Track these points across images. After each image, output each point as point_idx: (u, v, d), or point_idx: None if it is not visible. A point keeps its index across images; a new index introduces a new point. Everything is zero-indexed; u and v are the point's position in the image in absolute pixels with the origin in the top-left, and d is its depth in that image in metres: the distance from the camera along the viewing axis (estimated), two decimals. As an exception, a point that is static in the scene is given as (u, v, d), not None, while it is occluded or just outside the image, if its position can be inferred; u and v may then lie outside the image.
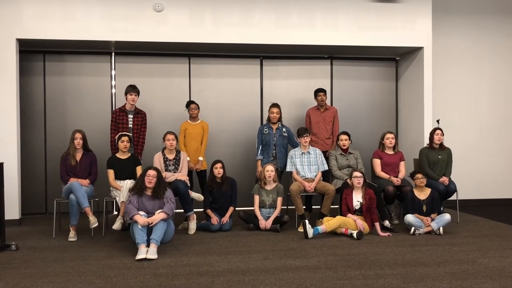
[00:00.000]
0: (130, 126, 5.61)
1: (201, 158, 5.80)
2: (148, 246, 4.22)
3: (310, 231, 4.89)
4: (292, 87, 7.10)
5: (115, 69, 6.72)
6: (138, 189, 4.65)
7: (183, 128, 5.87)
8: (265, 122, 6.22)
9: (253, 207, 5.49)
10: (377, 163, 5.76)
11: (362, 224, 4.99)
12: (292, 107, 6.98)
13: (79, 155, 5.23)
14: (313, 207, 6.16)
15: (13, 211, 5.73)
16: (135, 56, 6.73)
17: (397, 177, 5.64)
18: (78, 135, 5.21)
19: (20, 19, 5.79)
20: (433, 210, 5.19)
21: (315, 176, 5.63)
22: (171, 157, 5.43)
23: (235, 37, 6.22)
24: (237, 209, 5.57)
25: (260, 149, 5.90)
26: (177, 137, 5.48)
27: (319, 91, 6.30)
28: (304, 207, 5.60)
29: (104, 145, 6.16)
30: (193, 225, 5.27)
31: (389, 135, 5.81)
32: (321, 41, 6.41)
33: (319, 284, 3.44)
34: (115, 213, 6.36)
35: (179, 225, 5.48)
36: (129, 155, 5.40)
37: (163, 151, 5.45)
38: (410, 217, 5.14)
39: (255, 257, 4.18)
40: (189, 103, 5.95)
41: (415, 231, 5.06)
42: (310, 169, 5.65)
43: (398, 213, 5.90)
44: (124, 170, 5.29)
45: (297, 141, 5.88)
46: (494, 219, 6.01)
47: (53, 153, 6.45)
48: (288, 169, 5.70)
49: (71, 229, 4.99)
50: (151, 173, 4.66)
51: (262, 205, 5.46)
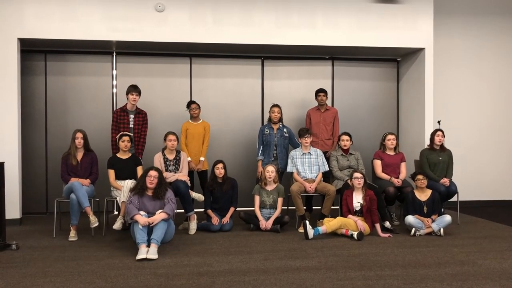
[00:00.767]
0: (131, 126, 5.61)
1: (202, 158, 5.80)
2: (148, 246, 4.22)
3: (310, 232, 4.89)
4: (293, 88, 7.10)
5: (116, 69, 6.72)
6: (139, 189, 4.65)
7: (185, 128, 5.87)
8: (266, 122, 6.22)
9: (254, 207, 5.49)
10: (378, 164, 5.75)
11: (362, 225, 4.98)
12: (293, 107, 6.98)
13: (80, 155, 5.24)
14: (313, 207, 6.16)
15: (13, 211, 5.74)
16: (136, 56, 6.73)
17: (397, 178, 5.64)
18: (79, 135, 5.21)
19: (21, 19, 5.80)
20: (434, 211, 5.19)
21: (316, 176, 5.63)
22: (171, 157, 5.43)
23: (236, 37, 6.22)
24: (237, 209, 5.57)
25: (261, 149, 5.91)
26: (178, 138, 5.48)
27: (319, 92, 6.30)
28: (304, 207, 5.60)
29: (105, 145, 6.17)
30: (193, 225, 5.27)
31: (390, 136, 5.81)
32: (322, 41, 6.41)
33: (320, 284, 3.44)
34: (116, 213, 6.36)
35: (180, 225, 5.49)
36: (130, 155, 5.40)
37: (163, 151, 5.45)
38: (410, 218, 5.13)
39: (255, 258, 4.18)
40: (190, 103, 5.95)
41: (415, 232, 5.05)
42: (310, 170, 5.65)
43: (398, 214, 5.90)
44: (124, 170, 5.29)
45: (298, 142, 5.88)
46: (494, 221, 6.00)
47: (54, 153, 6.45)
48: (289, 169, 5.70)
49: (71, 228, 4.99)
50: (153, 173, 4.67)
51: (262, 206, 5.46)
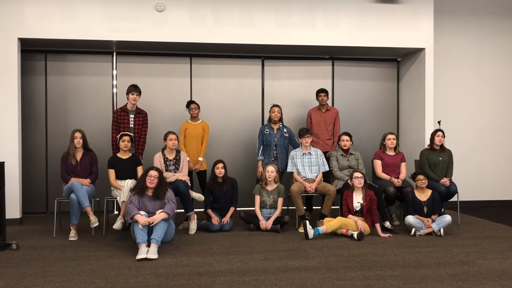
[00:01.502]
0: (131, 126, 5.61)
1: (201, 158, 5.80)
2: (148, 246, 4.22)
3: (310, 232, 4.88)
4: (293, 88, 7.10)
5: (116, 69, 6.72)
6: (139, 189, 4.65)
7: (183, 128, 5.87)
8: (266, 122, 6.22)
9: (254, 207, 5.49)
10: (378, 164, 5.75)
11: (362, 225, 4.98)
12: (293, 107, 6.98)
13: (79, 155, 5.24)
14: (313, 207, 6.16)
15: (14, 210, 5.74)
16: (137, 56, 6.73)
17: (398, 178, 5.64)
18: (77, 135, 5.21)
19: (22, 19, 5.80)
20: (434, 211, 5.19)
21: (316, 176, 5.63)
22: (171, 157, 5.43)
23: (236, 37, 6.22)
24: (237, 209, 5.57)
25: (261, 149, 5.91)
26: (178, 137, 5.48)
27: (320, 92, 6.30)
28: (304, 207, 5.60)
29: (105, 144, 6.17)
30: (193, 225, 5.27)
31: (390, 136, 5.81)
32: (322, 41, 6.41)
33: (320, 284, 3.44)
34: (116, 212, 6.36)
35: (180, 225, 5.48)
36: (130, 155, 5.40)
37: (163, 151, 5.45)
38: (410, 218, 5.13)
39: (255, 258, 4.18)
40: (190, 103, 5.95)
41: (415, 232, 5.05)
42: (311, 170, 5.65)
43: (398, 214, 5.90)
44: (125, 170, 5.29)
45: (298, 142, 5.88)
46: (494, 221, 6.00)
47: (54, 153, 6.45)
48: (289, 169, 5.70)
49: (71, 228, 4.99)
50: (153, 173, 4.67)
51: (263, 206, 5.46)
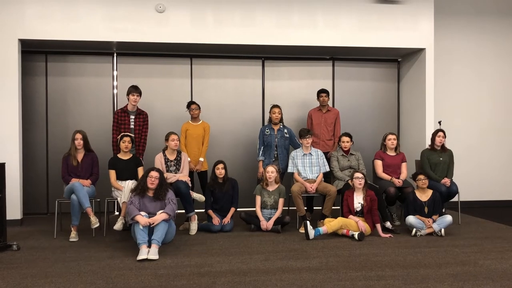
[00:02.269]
0: (131, 126, 5.62)
1: (201, 159, 5.80)
2: (149, 246, 4.22)
3: (311, 232, 4.88)
4: (294, 88, 7.10)
5: (117, 70, 6.73)
6: (140, 190, 4.65)
7: (184, 128, 5.87)
8: (266, 123, 6.22)
9: (255, 208, 5.49)
10: (379, 164, 5.75)
11: (364, 225, 4.98)
12: (294, 108, 6.98)
13: (80, 156, 5.24)
14: (314, 208, 6.16)
15: (14, 211, 5.74)
16: (137, 56, 6.74)
17: (398, 178, 5.63)
18: (78, 136, 5.21)
19: (22, 20, 5.81)
20: (435, 211, 5.18)
21: (317, 177, 5.63)
22: (172, 157, 5.43)
23: (236, 38, 6.23)
24: (238, 209, 5.57)
25: (261, 150, 5.91)
26: (179, 138, 5.49)
27: (321, 92, 6.30)
28: (305, 208, 5.60)
29: (106, 145, 6.17)
30: (194, 226, 5.27)
31: (391, 136, 5.80)
32: (323, 42, 6.41)
33: (320, 285, 3.44)
34: (117, 213, 6.36)
35: (180, 226, 5.48)
36: (131, 155, 5.40)
37: (164, 152, 5.45)
38: (411, 219, 5.13)
39: (256, 258, 4.18)
40: (190, 103, 5.95)
41: (416, 232, 5.05)
42: (311, 170, 5.65)
43: (399, 215, 5.90)
44: (125, 170, 5.29)
45: (298, 142, 5.88)
46: (495, 221, 5.99)
47: (55, 154, 6.46)
48: (289, 170, 5.70)
49: (72, 229, 4.99)
50: (154, 174, 4.67)
51: (263, 206, 5.46)
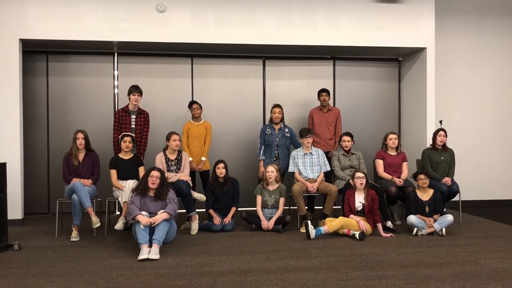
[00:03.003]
0: (132, 126, 5.62)
1: (204, 158, 5.80)
2: (150, 246, 4.22)
3: (312, 232, 4.88)
4: (294, 88, 7.10)
5: (117, 70, 6.73)
6: (141, 190, 4.66)
7: (186, 128, 5.88)
8: (267, 122, 6.21)
9: (255, 207, 5.49)
10: (380, 163, 5.75)
11: (364, 225, 4.98)
12: (294, 107, 6.98)
13: (81, 155, 5.24)
14: (315, 207, 6.16)
15: (15, 211, 5.75)
16: (138, 56, 6.74)
17: (399, 177, 5.63)
18: (80, 135, 5.22)
19: (23, 20, 5.81)
20: (436, 211, 5.18)
21: (318, 176, 5.63)
22: (173, 157, 5.43)
23: (237, 37, 6.22)
24: (239, 209, 5.57)
25: (262, 149, 5.91)
26: (180, 138, 5.49)
27: (322, 92, 6.30)
28: (306, 207, 5.60)
29: (107, 145, 6.18)
30: (195, 225, 5.27)
31: (392, 136, 5.80)
32: (324, 41, 6.41)
33: (321, 284, 3.44)
34: (118, 213, 6.36)
35: (181, 226, 5.49)
36: (132, 155, 5.40)
37: (165, 152, 5.45)
38: (412, 218, 5.13)
39: (257, 258, 4.18)
40: (191, 103, 5.96)
41: (417, 232, 5.05)
42: (312, 170, 5.65)
43: (400, 214, 5.89)
44: (126, 170, 5.29)
45: (299, 142, 5.87)
46: (497, 220, 5.99)
47: (56, 153, 6.46)
48: (290, 169, 5.70)
49: (73, 229, 4.99)
50: (155, 174, 4.67)
51: (264, 206, 5.46)
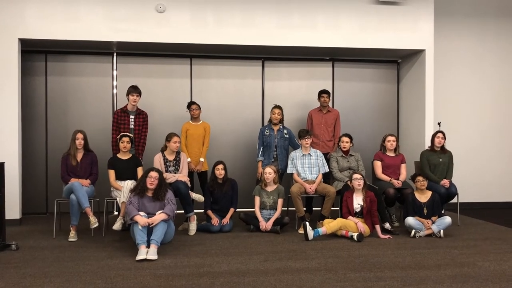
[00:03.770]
0: (131, 126, 5.62)
1: (202, 159, 5.80)
2: (148, 246, 4.22)
3: (310, 233, 4.88)
4: (293, 89, 7.10)
5: (116, 70, 6.73)
6: (139, 190, 4.65)
7: (185, 129, 5.87)
8: (266, 123, 6.22)
9: (254, 208, 5.49)
10: (378, 165, 5.75)
11: (363, 226, 4.98)
12: (293, 108, 6.98)
13: (80, 155, 5.24)
14: (313, 209, 6.15)
15: (13, 211, 5.74)
16: (137, 56, 6.74)
17: (398, 179, 5.63)
18: (79, 135, 5.21)
19: (22, 19, 5.80)
20: (434, 212, 5.18)
21: (316, 178, 5.63)
22: (171, 158, 5.43)
23: (236, 38, 6.23)
24: (237, 210, 5.56)
25: (261, 150, 5.91)
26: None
27: (323, 93, 6.30)
28: (304, 208, 5.60)
29: (105, 145, 6.17)
30: (193, 226, 5.27)
31: (390, 138, 5.81)
32: (323, 42, 6.41)
33: (319, 286, 3.43)
34: (116, 213, 6.36)
35: (180, 226, 5.48)
36: (130, 155, 5.40)
37: (163, 152, 5.45)
38: (410, 220, 5.13)
39: (255, 259, 4.18)
40: (190, 103, 5.95)
41: (415, 233, 5.05)
42: (311, 171, 5.65)
43: (398, 216, 5.89)
44: (125, 170, 5.29)
45: (298, 143, 5.88)
46: (495, 222, 5.99)
47: (54, 153, 6.45)
48: (289, 170, 5.70)
49: (71, 229, 4.99)
50: (153, 174, 4.66)
51: (262, 207, 5.46)
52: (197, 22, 6.15)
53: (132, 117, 5.63)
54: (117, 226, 4.92)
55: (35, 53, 6.50)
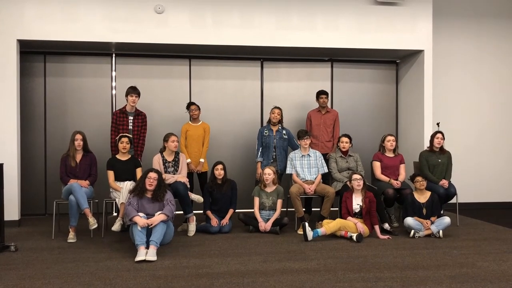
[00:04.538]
0: (130, 127, 5.62)
1: (202, 160, 5.80)
2: (147, 247, 4.21)
3: (309, 234, 4.88)
4: (292, 89, 7.11)
5: (115, 70, 6.72)
6: (138, 191, 4.65)
7: (184, 129, 5.87)
8: (265, 124, 6.22)
9: (253, 209, 5.49)
10: (377, 165, 5.76)
11: (362, 227, 4.98)
12: (292, 109, 6.98)
13: (79, 156, 5.23)
14: (313, 209, 6.16)
15: (12, 212, 5.73)
16: (136, 57, 6.73)
17: (397, 180, 5.64)
18: (78, 136, 5.21)
19: (21, 20, 5.80)
20: (433, 213, 5.19)
21: (315, 178, 5.63)
22: (170, 158, 5.43)
23: (235, 39, 6.23)
24: (237, 211, 5.56)
25: (260, 151, 5.91)
26: (178, 139, 5.49)
27: (321, 93, 6.31)
28: (303, 209, 5.60)
29: (104, 146, 6.17)
30: (192, 227, 5.27)
31: (389, 138, 5.82)
32: (322, 43, 6.42)
33: (319, 286, 3.43)
34: (115, 214, 6.35)
35: (179, 227, 5.48)
36: (129, 156, 5.40)
37: (162, 153, 5.45)
38: (410, 220, 5.13)
39: (254, 259, 4.18)
40: (190, 104, 5.96)
41: (414, 234, 5.05)
42: (310, 172, 5.65)
43: (398, 216, 5.90)
44: (124, 171, 5.28)
45: (297, 144, 5.88)
46: (494, 223, 6.00)
47: (53, 154, 6.45)
48: (288, 171, 5.70)
49: (70, 230, 4.98)
50: (152, 175, 4.66)
51: (262, 207, 5.46)
52: (196, 22, 6.15)
53: (131, 118, 5.63)
54: (116, 227, 4.91)
55: (34, 54, 6.50)
